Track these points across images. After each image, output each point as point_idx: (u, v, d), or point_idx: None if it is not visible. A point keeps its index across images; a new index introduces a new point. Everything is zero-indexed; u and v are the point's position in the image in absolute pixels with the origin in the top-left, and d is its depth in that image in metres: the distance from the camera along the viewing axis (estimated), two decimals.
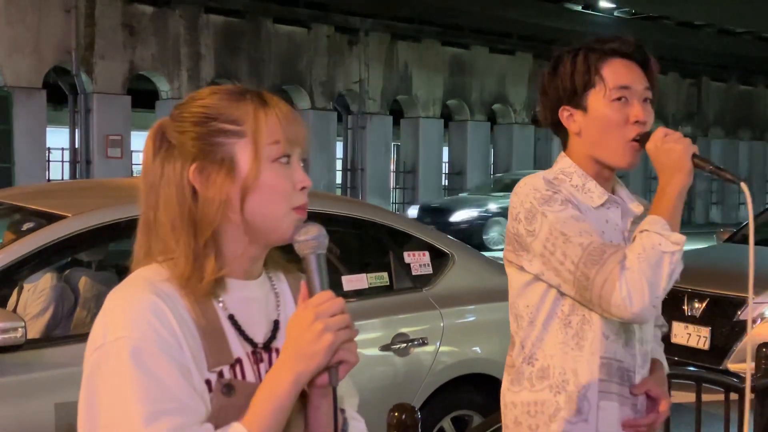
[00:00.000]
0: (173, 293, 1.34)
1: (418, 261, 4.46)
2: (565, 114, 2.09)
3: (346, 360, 1.33)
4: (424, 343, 4.26)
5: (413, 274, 4.42)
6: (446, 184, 24.71)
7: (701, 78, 29.19)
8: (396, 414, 2.58)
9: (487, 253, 8.03)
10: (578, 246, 1.91)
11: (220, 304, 1.39)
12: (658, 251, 1.88)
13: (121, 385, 1.27)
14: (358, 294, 4.24)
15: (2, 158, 15.35)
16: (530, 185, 2.04)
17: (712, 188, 29.51)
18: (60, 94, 18.59)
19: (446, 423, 4.34)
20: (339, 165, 22.45)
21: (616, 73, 2.04)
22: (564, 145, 2.16)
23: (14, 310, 3.92)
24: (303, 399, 1.38)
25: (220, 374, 1.34)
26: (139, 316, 1.30)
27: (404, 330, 4.23)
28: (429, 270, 4.46)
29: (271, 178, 1.38)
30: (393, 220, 4.59)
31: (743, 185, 1.95)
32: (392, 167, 24.44)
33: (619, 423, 2.04)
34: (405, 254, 4.43)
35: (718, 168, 1.98)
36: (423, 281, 4.43)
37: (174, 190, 1.38)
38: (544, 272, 2.00)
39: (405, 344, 4.20)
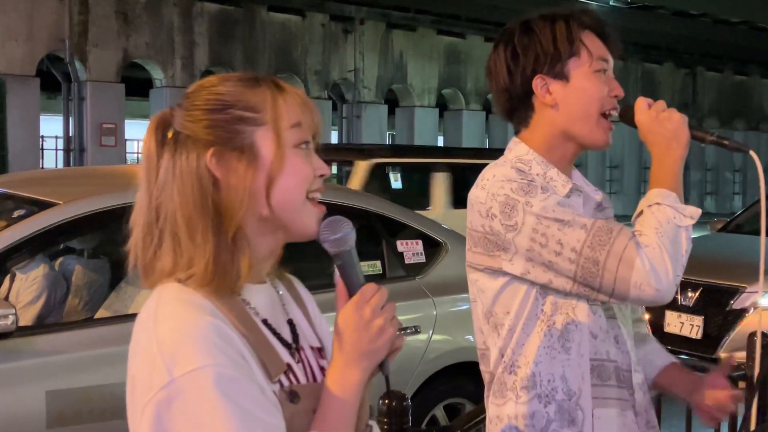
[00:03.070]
0: (215, 310, 1.26)
1: (412, 250, 4.46)
2: (539, 83, 1.85)
3: (399, 347, 1.36)
4: (416, 332, 4.25)
5: (406, 262, 4.42)
6: None
7: (696, 68, 29.19)
8: (386, 401, 2.57)
9: None
10: (580, 229, 1.70)
11: (252, 310, 1.32)
12: (673, 225, 1.70)
13: (210, 421, 1.17)
14: None
15: None
16: (499, 176, 1.80)
17: (707, 178, 29.54)
18: (53, 82, 18.53)
19: (438, 411, 4.35)
20: None
21: (595, 44, 1.87)
22: (522, 125, 1.91)
23: (6, 298, 3.92)
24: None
25: (280, 383, 1.29)
26: (207, 342, 1.20)
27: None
28: (422, 259, 4.46)
29: (294, 163, 1.32)
30: (386, 208, 4.59)
31: (753, 153, 1.79)
32: None
33: (620, 430, 1.82)
34: (398, 243, 4.43)
35: (720, 137, 1.81)
36: (416, 270, 4.42)
37: (191, 181, 1.28)
38: (530, 270, 1.76)
39: (398, 332, 4.20)
